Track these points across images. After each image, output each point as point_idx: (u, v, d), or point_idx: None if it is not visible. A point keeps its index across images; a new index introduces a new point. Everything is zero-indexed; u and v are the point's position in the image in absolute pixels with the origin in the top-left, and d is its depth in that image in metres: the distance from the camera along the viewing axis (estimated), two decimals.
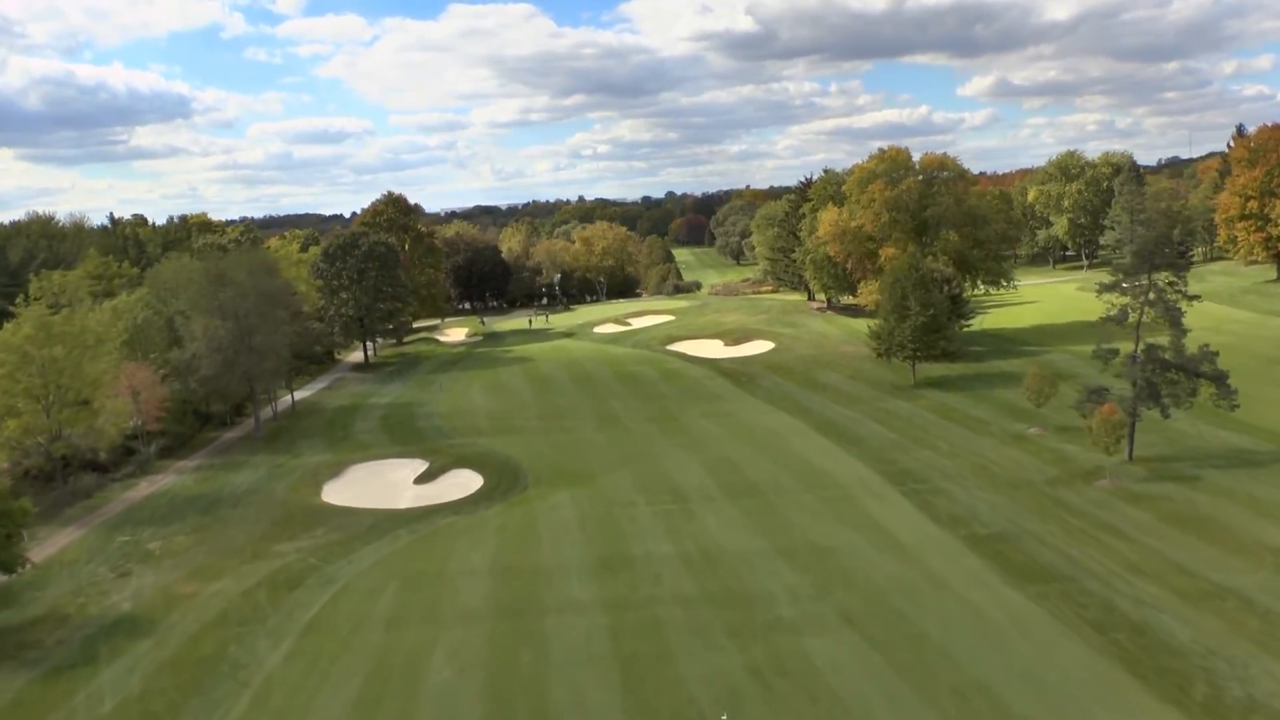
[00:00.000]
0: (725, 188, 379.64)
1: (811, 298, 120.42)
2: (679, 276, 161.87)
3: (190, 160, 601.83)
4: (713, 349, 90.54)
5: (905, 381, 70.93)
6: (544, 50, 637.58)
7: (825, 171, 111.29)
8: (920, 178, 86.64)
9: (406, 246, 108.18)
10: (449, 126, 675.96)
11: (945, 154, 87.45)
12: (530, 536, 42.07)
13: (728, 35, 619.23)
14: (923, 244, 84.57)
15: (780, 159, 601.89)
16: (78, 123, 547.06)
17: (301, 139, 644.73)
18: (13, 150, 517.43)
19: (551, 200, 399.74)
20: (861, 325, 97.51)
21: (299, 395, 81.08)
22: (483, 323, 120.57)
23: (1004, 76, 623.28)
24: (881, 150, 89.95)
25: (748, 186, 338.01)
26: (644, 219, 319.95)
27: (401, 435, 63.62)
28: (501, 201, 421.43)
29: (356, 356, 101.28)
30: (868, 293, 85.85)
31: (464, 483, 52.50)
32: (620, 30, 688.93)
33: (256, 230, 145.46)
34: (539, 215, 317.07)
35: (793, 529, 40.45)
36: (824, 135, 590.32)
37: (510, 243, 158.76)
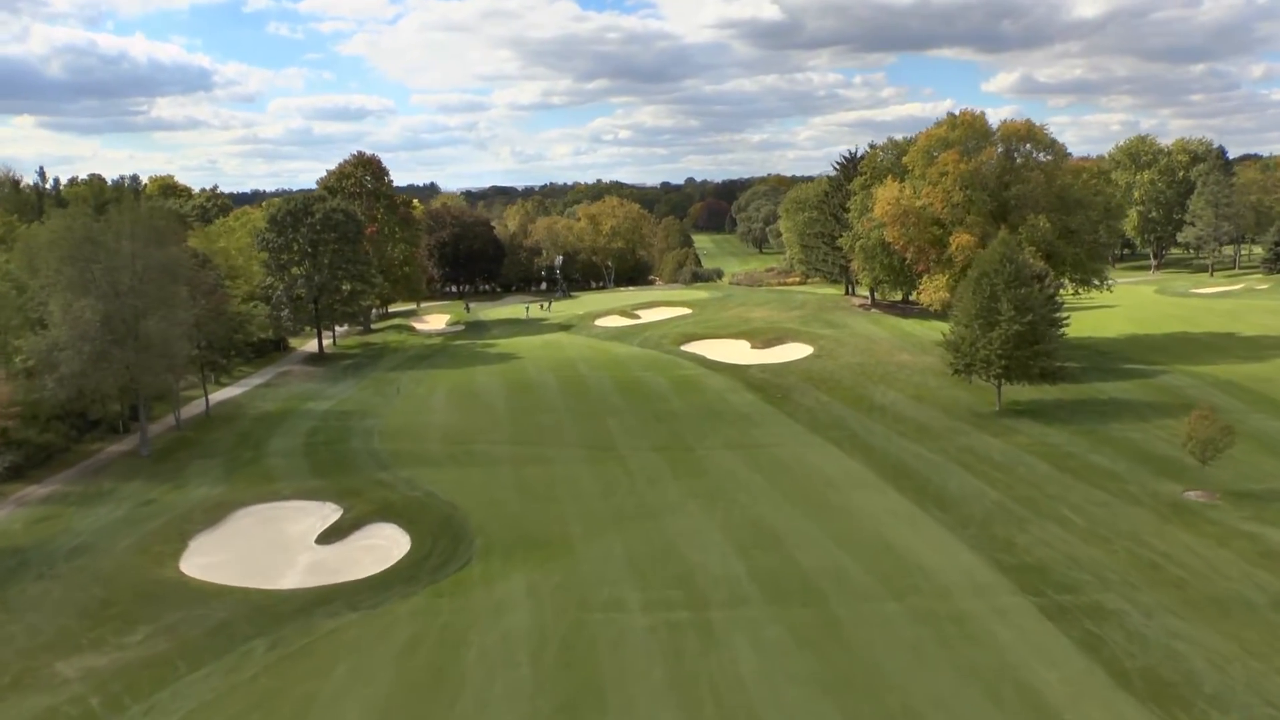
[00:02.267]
0: (746, 176, 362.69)
1: (850, 292, 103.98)
2: (698, 263, 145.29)
3: (210, 133, 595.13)
4: (738, 352, 74.40)
5: (987, 406, 54.80)
6: (567, 33, 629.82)
7: (871, 148, 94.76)
8: (1000, 149, 70.02)
9: (379, 217, 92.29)
10: (470, 107, 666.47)
11: (1030, 121, 70.67)
12: (450, 670, 26.13)
13: (753, 23, 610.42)
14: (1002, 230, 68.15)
15: (801, 149, 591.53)
16: (99, 92, 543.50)
17: (322, 115, 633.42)
18: (34, 118, 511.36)
19: (570, 184, 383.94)
20: (916, 328, 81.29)
21: (225, 394, 65.68)
22: (467, 309, 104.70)
23: (1029, 73, 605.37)
24: (952, 115, 73.29)
25: (770, 175, 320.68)
26: (662, 202, 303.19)
27: (325, 461, 47.81)
28: (519, 183, 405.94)
29: (324, 343, 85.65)
30: (931, 289, 69.43)
31: (383, 547, 36.67)
32: (644, 15, 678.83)
33: (227, 198, 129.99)
34: (552, 196, 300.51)
35: (883, 684, 24.36)
36: (846, 127, 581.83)
37: (511, 222, 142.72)
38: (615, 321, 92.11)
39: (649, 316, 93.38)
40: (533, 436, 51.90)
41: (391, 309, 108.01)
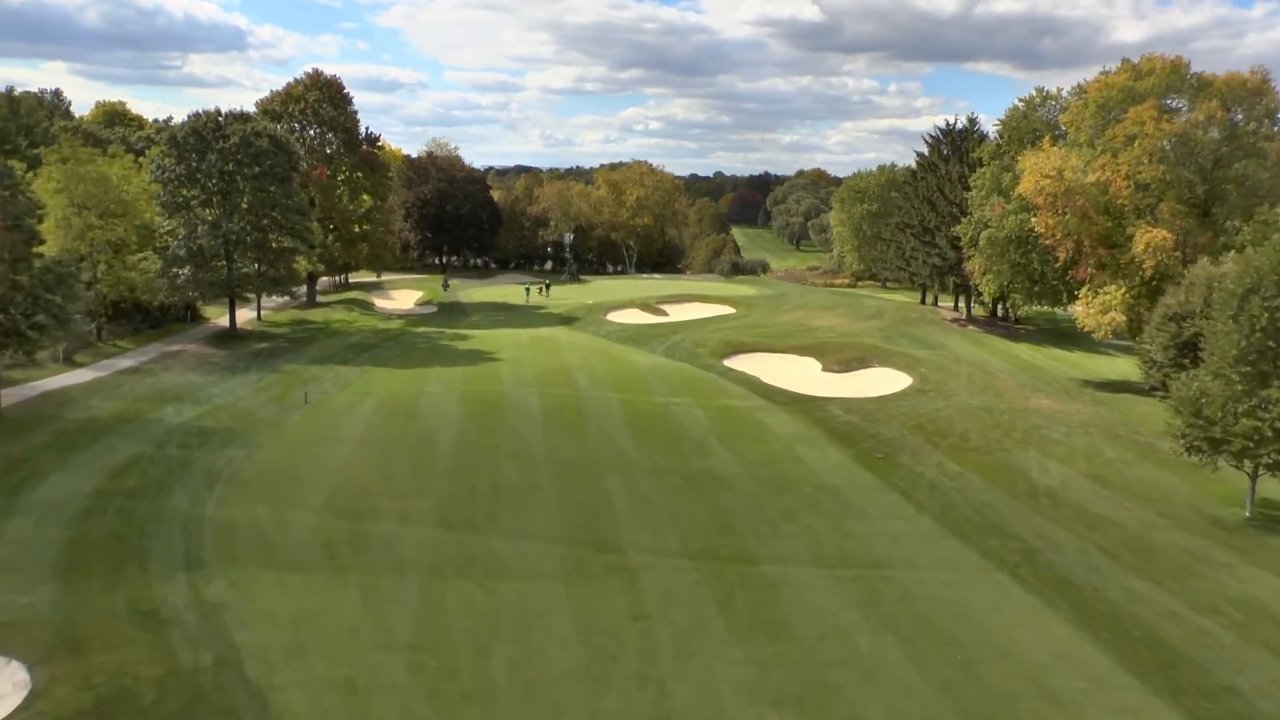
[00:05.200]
0: (774, 174, 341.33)
1: (930, 300, 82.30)
2: (737, 252, 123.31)
3: (242, 93, 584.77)
4: (805, 375, 52.94)
5: (1224, 506, 33.48)
6: (605, 20, 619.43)
7: (971, 121, 73.64)
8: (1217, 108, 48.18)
9: (335, 156, 70.93)
10: (502, 87, 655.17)
11: (1263, 72, 48.84)
12: None
13: (792, 23, 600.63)
14: (1210, 227, 46.80)
15: (831, 154, 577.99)
16: (133, 44, 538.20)
17: (354, 85, 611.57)
18: (66, 64, 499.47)
19: (595, 168, 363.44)
20: (1035, 356, 60.23)
21: (61, 381, 45.48)
22: (445, 286, 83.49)
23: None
24: (1129, 61, 51.41)
25: (799, 172, 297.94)
26: (691, 190, 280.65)
27: (96, 541, 26.76)
28: (546, 165, 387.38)
29: (247, 316, 64.89)
30: (1097, 308, 47.90)
31: None
32: (683, 8, 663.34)
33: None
34: (575, 177, 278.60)
35: None
36: (877, 134, 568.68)
37: (517, 188, 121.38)
38: (635, 317, 70.90)
39: (679, 314, 72.15)
40: (480, 510, 30.68)
41: (353, 279, 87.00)
